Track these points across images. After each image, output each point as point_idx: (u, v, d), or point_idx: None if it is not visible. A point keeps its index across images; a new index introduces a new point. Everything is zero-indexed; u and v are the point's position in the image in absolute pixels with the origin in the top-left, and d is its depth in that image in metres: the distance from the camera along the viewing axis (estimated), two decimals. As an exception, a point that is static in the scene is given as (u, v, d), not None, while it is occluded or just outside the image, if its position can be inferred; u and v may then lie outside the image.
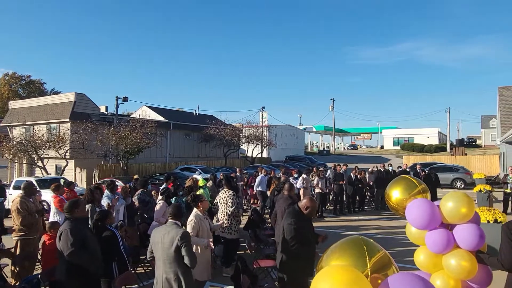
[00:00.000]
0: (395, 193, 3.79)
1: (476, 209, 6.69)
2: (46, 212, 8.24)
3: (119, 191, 7.43)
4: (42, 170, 19.00)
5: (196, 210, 5.06)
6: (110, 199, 6.69)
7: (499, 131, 20.83)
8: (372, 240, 2.68)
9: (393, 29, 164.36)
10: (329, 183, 12.88)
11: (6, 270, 5.82)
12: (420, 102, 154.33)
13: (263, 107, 41.82)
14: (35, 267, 6.07)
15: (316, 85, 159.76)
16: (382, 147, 66.30)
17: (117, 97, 24.01)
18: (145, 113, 32.93)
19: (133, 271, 5.50)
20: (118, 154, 21.50)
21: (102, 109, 26.26)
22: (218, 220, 6.56)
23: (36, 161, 19.84)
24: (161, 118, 31.37)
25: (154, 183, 15.40)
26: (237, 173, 13.65)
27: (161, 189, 7.56)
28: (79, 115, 22.27)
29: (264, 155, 36.86)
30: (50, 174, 19.55)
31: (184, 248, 3.57)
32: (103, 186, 7.35)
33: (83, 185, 19.40)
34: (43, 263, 5.49)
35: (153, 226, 6.26)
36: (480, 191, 11.23)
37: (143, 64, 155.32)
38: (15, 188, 13.29)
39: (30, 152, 19.18)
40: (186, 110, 40.03)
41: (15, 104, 27.80)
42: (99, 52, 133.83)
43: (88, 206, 5.74)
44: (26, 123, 23.64)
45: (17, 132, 24.24)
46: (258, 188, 12.15)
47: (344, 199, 12.86)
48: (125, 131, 20.50)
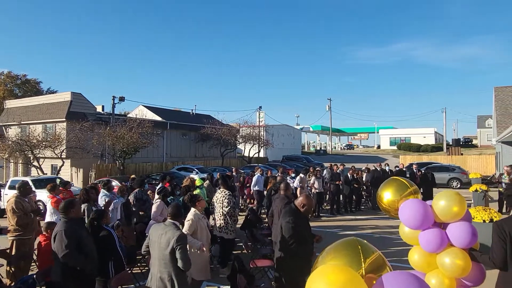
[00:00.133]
0: (387, 194, 3.82)
1: (472, 208, 6.75)
2: (42, 211, 8.19)
3: (115, 191, 7.41)
4: (38, 170, 18.89)
5: (195, 209, 5.09)
6: (108, 198, 6.69)
7: (495, 131, 20.94)
8: (366, 242, 2.69)
9: (390, 29, 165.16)
10: (325, 183, 12.92)
11: (2, 271, 5.78)
12: (417, 102, 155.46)
13: (260, 107, 42.03)
14: (31, 268, 6.04)
15: (313, 85, 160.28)
16: (378, 147, 66.51)
17: (114, 97, 23.99)
18: (141, 112, 32.83)
19: (129, 271, 5.47)
20: (115, 154, 21.44)
21: (99, 109, 26.20)
22: (214, 220, 6.56)
23: (32, 161, 19.72)
24: (158, 118, 31.31)
25: (150, 183, 15.36)
26: (233, 173, 13.65)
27: (157, 189, 7.55)
28: (75, 114, 22.18)
29: (261, 155, 36.91)
30: (46, 174, 19.42)
31: (178, 251, 3.55)
32: (99, 186, 7.33)
33: (79, 185, 19.32)
34: (39, 264, 5.46)
35: (151, 226, 6.25)
36: (476, 190, 11.29)
37: (141, 63, 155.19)
38: (11, 188, 13.22)
39: (25, 152, 19.07)
40: (184, 110, 39.96)
41: (10, 104, 27.66)
42: (96, 51, 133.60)
43: (84, 206, 5.72)
44: (22, 122, 23.52)
45: (12, 132, 24.11)
46: (255, 187, 12.15)
47: (341, 199, 12.90)
48: (122, 130, 20.43)
